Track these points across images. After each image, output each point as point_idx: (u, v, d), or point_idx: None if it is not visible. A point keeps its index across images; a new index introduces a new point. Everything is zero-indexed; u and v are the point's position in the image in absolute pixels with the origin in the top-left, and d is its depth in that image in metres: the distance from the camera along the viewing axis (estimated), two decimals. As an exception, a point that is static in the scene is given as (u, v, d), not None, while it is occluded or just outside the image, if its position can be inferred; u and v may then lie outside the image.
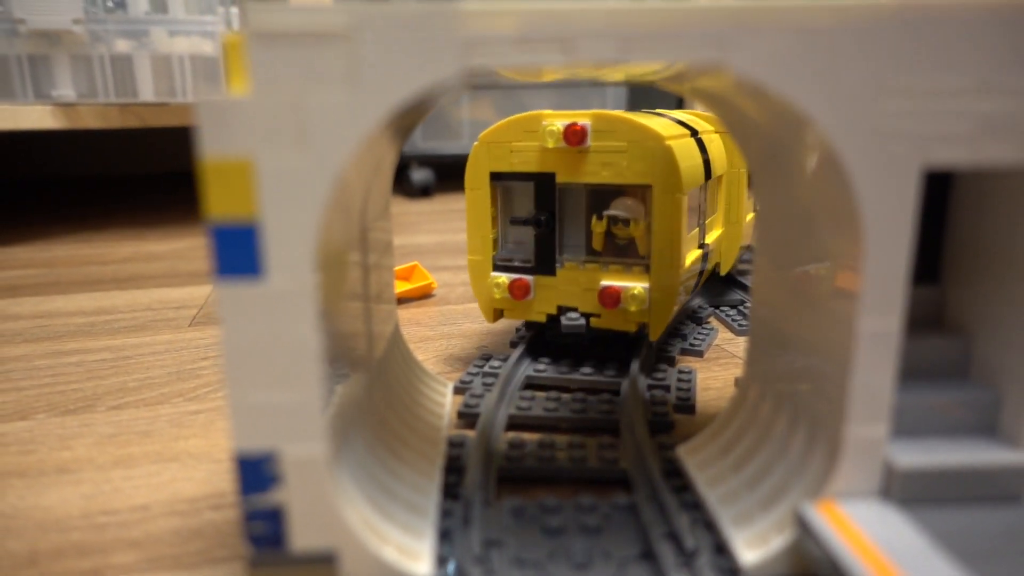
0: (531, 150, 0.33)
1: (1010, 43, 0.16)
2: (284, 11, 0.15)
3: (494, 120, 1.22)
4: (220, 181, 0.16)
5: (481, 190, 0.34)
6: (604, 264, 0.34)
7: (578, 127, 0.31)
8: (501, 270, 0.35)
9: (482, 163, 0.34)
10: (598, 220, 0.33)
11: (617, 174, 0.32)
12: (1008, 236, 0.18)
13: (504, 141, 0.33)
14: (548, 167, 0.33)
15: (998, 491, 0.18)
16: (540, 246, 0.34)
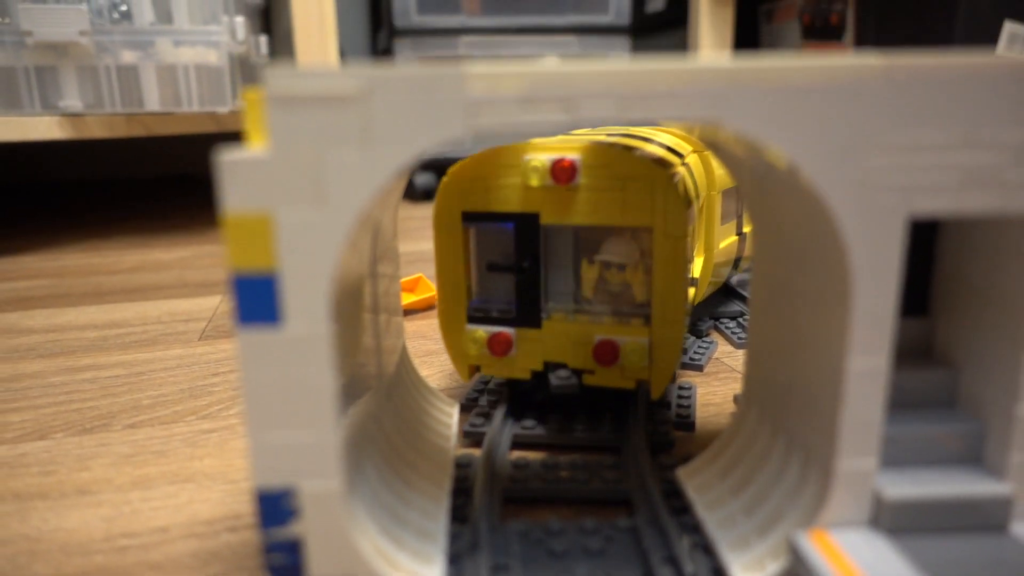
0: (511, 188, 0.29)
1: (989, 101, 0.16)
2: (301, 77, 0.16)
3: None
4: (241, 235, 0.17)
5: (451, 232, 0.30)
6: (597, 315, 0.30)
7: (567, 163, 0.28)
8: (477, 322, 0.31)
9: (453, 202, 0.30)
10: (589, 265, 0.30)
11: (612, 215, 0.28)
12: (989, 275, 0.19)
13: (479, 177, 0.29)
14: (531, 207, 0.29)
15: (983, 521, 0.19)
16: (523, 295, 0.30)
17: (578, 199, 0.28)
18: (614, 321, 0.30)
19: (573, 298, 0.31)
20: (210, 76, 0.81)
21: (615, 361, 0.29)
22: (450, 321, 0.31)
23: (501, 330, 0.30)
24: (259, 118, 0.18)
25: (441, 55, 1.13)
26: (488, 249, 0.31)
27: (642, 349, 0.29)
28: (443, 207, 0.30)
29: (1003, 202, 0.17)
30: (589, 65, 0.16)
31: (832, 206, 0.17)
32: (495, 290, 0.31)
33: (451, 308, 0.31)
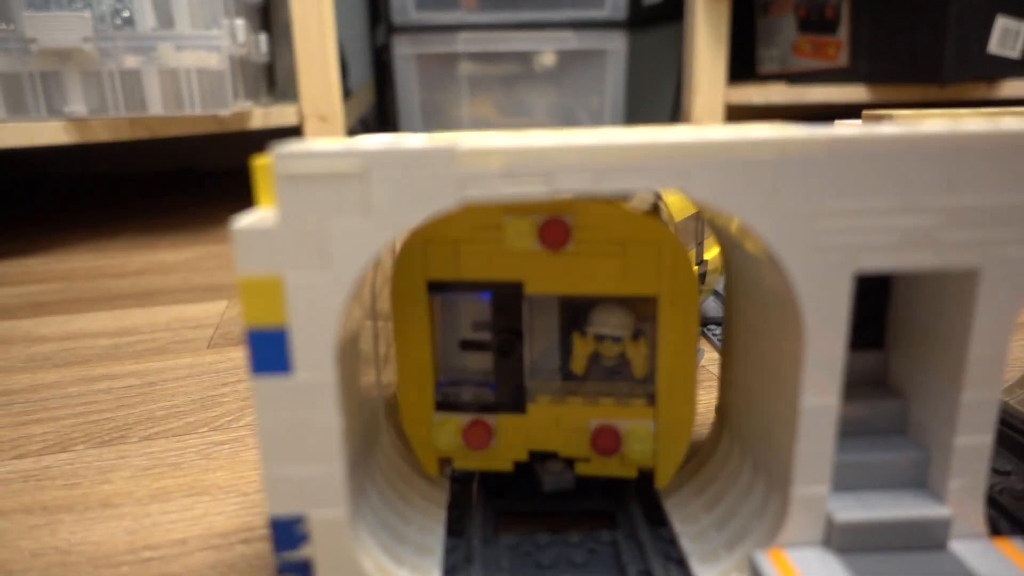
0: (489, 252, 0.24)
1: (923, 171, 0.18)
2: (306, 157, 0.18)
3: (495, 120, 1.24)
4: (254, 295, 0.18)
5: (414, 304, 0.25)
6: (591, 395, 0.26)
7: (559, 224, 0.23)
8: (448, 408, 0.26)
9: (416, 269, 0.25)
10: (581, 338, 0.26)
11: (610, 283, 0.24)
12: (932, 317, 0.21)
13: (448, 240, 0.24)
14: (514, 274, 0.24)
15: (925, 541, 0.21)
16: (503, 375, 0.26)
17: (570, 265, 0.24)
18: (612, 402, 0.26)
19: (561, 375, 0.26)
20: (211, 79, 0.83)
21: (617, 450, 0.26)
22: (414, 409, 0.26)
23: (478, 417, 0.26)
24: (267, 182, 0.19)
25: (439, 51, 1.14)
26: (460, 324, 0.26)
27: (648, 435, 0.25)
28: (404, 275, 0.25)
29: (938, 259, 0.19)
30: (566, 140, 0.18)
31: (785, 265, 0.19)
32: (468, 370, 0.27)
33: (414, 394, 0.26)
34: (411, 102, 1.16)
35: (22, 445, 0.37)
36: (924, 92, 1.05)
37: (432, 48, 1.14)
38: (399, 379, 0.26)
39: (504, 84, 1.21)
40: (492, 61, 1.18)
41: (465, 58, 1.16)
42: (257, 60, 1.02)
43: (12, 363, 0.48)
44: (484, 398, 0.26)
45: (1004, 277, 0.19)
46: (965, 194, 0.19)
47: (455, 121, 1.20)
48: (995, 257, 0.19)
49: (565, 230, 0.24)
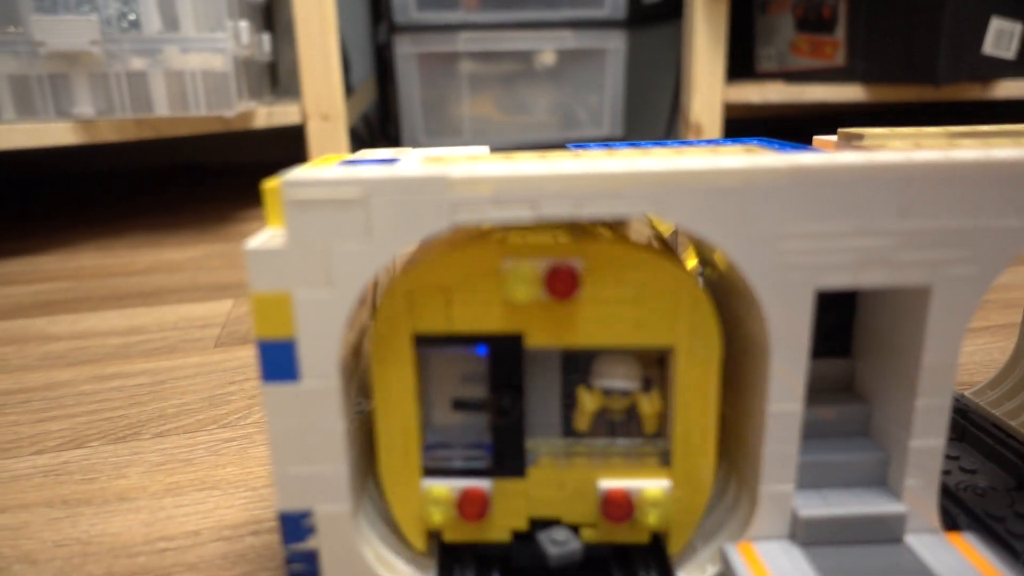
0: (485, 302, 0.21)
1: (878, 196, 0.20)
2: (312, 184, 0.19)
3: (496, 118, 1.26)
4: (265, 309, 0.20)
5: (399, 361, 0.22)
6: (598, 454, 0.23)
7: (567, 270, 0.20)
8: (437, 475, 0.23)
9: (401, 321, 0.21)
10: (587, 392, 0.23)
11: (622, 333, 0.22)
12: (891, 329, 0.23)
13: (438, 288, 0.21)
14: (513, 325, 0.22)
15: (883, 535, 0.23)
16: (501, 435, 0.23)
17: (577, 314, 0.21)
18: (622, 461, 0.23)
19: (562, 431, 0.24)
20: (216, 81, 0.84)
21: (629, 516, 0.23)
22: (397, 477, 0.23)
23: (472, 484, 0.23)
24: (276, 205, 0.21)
25: (440, 50, 1.15)
26: (450, 379, 0.23)
27: (664, 498, 0.22)
28: (388, 328, 0.21)
29: (892, 278, 0.21)
30: (549, 169, 0.20)
31: (752, 283, 0.21)
32: (459, 430, 0.24)
33: (398, 460, 0.23)
34: (412, 100, 1.18)
35: (40, 441, 0.39)
36: (919, 92, 1.06)
37: (433, 47, 1.15)
38: (379, 444, 0.23)
39: (504, 83, 1.22)
40: (492, 60, 1.19)
41: (466, 57, 1.18)
42: (260, 59, 1.03)
43: (27, 361, 0.50)
44: (478, 461, 0.23)
45: (952, 294, 0.21)
46: (916, 218, 0.20)
47: (456, 119, 1.22)
48: (944, 276, 0.21)
49: (573, 277, 0.21)
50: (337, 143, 1.06)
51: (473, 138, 1.22)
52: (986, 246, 0.21)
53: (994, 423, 0.34)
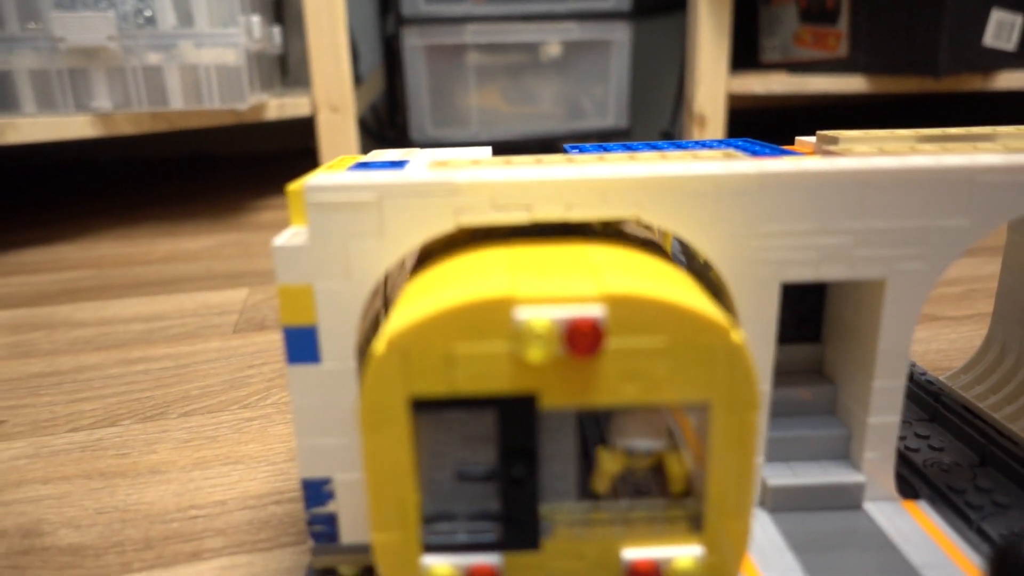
0: (491, 358, 0.19)
1: (837, 199, 0.22)
2: (332, 189, 0.22)
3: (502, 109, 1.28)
4: (290, 299, 0.23)
5: (393, 428, 0.19)
6: (620, 519, 0.21)
7: (589, 324, 0.18)
8: (439, 551, 0.20)
9: (394, 384, 0.19)
10: (608, 453, 0.21)
11: (651, 389, 0.19)
12: (852, 317, 0.25)
13: (436, 344, 0.18)
14: (526, 385, 0.19)
15: (843, 502, 0.25)
16: (512, 505, 0.20)
17: (600, 370, 0.19)
18: (646, 526, 0.21)
19: (579, 493, 0.21)
20: (229, 75, 0.87)
21: None
22: (394, 556, 0.20)
23: (480, 561, 0.20)
24: (299, 205, 0.24)
25: (447, 42, 1.17)
26: (453, 448, 0.21)
27: (696, 568, 0.20)
28: (379, 393, 0.19)
29: (851, 272, 0.23)
30: (543, 175, 0.22)
31: (724, 276, 0.23)
32: (463, 499, 0.21)
33: (394, 537, 0.20)
34: (420, 92, 1.20)
35: (75, 420, 0.41)
36: (920, 83, 1.07)
37: (441, 39, 1.17)
38: (372, 520, 0.20)
39: (511, 74, 1.24)
40: (499, 52, 1.21)
41: (473, 49, 1.19)
42: (271, 52, 1.05)
43: (57, 346, 0.53)
44: (486, 534, 0.20)
45: (905, 287, 0.23)
46: (872, 219, 0.23)
47: (463, 110, 1.24)
48: (897, 270, 0.23)
49: (597, 332, 0.18)
50: (346, 134, 1.09)
51: (480, 129, 1.24)
52: (935, 244, 0.23)
53: (964, 405, 0.36)
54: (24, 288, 0.68)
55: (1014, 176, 0.22)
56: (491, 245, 0.23)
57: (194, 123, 0.90)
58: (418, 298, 0.20)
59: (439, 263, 0.23)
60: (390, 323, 0.19)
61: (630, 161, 0.24)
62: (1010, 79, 1.08)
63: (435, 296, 0.19)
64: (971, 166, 0.22)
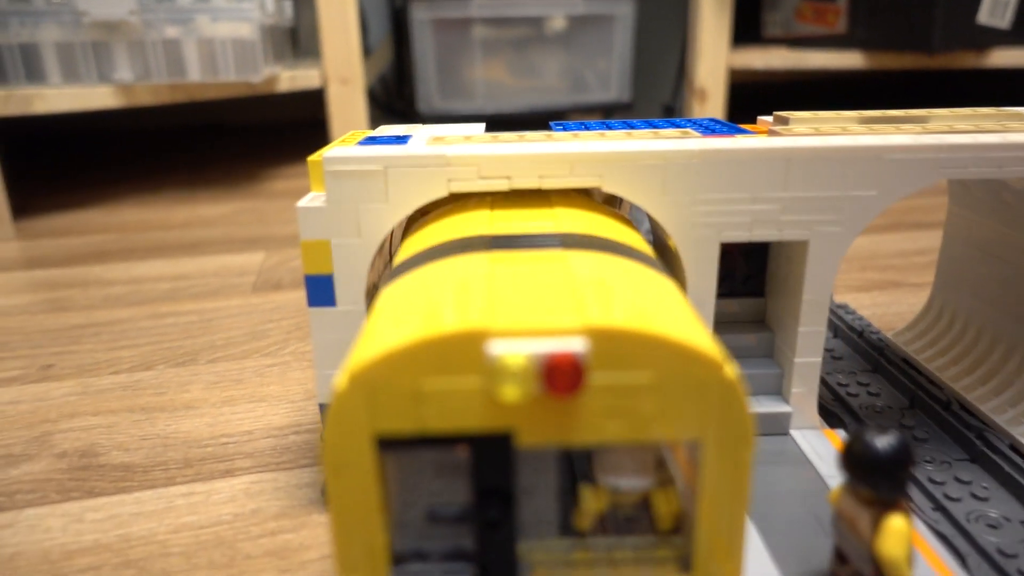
0: (464, 394, 0.17)
1: (766, 173, 0.27)
2: (346, 160, 0.26)
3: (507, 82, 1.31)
4: (311, 253, 0.27)
5: (357, 469, 0.18)
6: (603, 559, 0.20)
7: (569, 360, 0.16)
8: None
9: (358, 423, 0.17)
10: (592, 490, 0.20)
11: (637, 426, 0.18)
12: (784, 273, 0.30)
13: (404, 379, 0.17)
14: (500, 422, 0.17)
15: (774, 429, 0.30)
16: (488, 548, 0.19)
17: (581, 409, 0.17)
18: (632, 568, 0.20)
19: (560, 530, 0.20)
20: (244, 48, 0.91)
21: None
22: None
23: None
24: (319, 173, 0.28)
25: (454, 16, 1.20)
26: (425, 480, 0.19)
27: None
28: (342, 429, 0.17)
29: (779, 234, 0.27)
30: (522, 150, 0.27)
31: (671, 236, 0.27)
32: (436, 535, 0.19)
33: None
34: (427, 65, 1.23)
35: (115, 364, 0.47)
36: (915, 60, 1.10)
37: (448, 13, 1.20)
38: (338, 561, 0.19)
39: (516, 47, 1.27)
40: (504, 25, 1.24)
41: (479, 23, 1.22)
42: (283, 25, 1.09)
43: (92, 302, 0.58)
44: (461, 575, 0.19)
45: (824, 247, 0.28)
46: (795, 189, 0.27)
47: (469, 83, 1.27)
48: (817, 232, 0.27)
49: (578, 370, 0.16)
50: (355, 107, 1.12)
51: (485, 102, 1.27)
52: (849, 210, 0.27)
53: (904, 358, 0.41)
54: (56, 250, 0.73)
55: (915, 154, 0.27)
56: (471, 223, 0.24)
57: (210, 94, 0.94)
58: (385, 323, 0.18)
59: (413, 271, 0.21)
60: (353, 354, 0.18)
61: (598, 139, 0.29)
62: (1004, 56, 1.11)
63: (403, 323, 0.18)
64: (879, 145, 0.27)
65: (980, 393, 0.36)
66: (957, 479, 0.31)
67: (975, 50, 1.10)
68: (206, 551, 0.29)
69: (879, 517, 0.19)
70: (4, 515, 0.32)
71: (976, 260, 0.38)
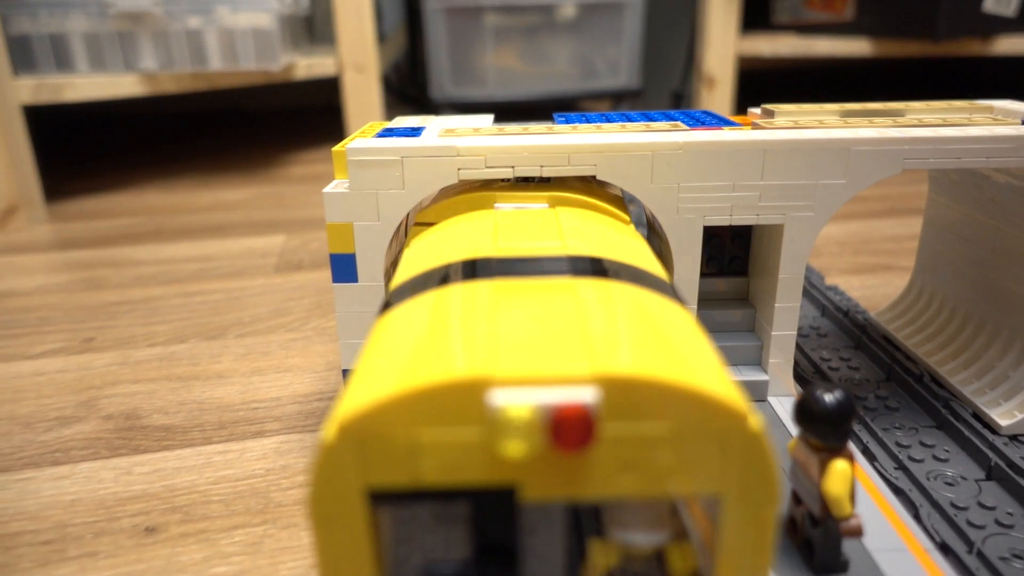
0: (464, 447, 0.16)
1: (744, 163, 0.29)
2: (367, 151, 0.30)
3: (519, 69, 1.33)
4: (335, 234, 0.31)
5: (347, 525, 0.16)
6: None
7: (580, 415, 0.15)
8: None
9: (347, 473, 0.16)
10: (602, 546, 0.19)
11: (651, 481, 0.16)
12: (763, 253, 0.33)
13: (400, 430, 0.16)
14: (504, 475, 0.16)
15: (753, 396, 0.33)
16: None
17: (592, 463, 0.16)
18: None
19: None
20: (263, 38, 0.94)
21: None
22: None
23: None
24: (342, 163, 0.31)
25: (467, 4, 1.23)
26: (418, 544, 0.18)
27: None
28: (330, 482, 0.16)
29: (757, 218, 0.30)
30: (524, 142, 0.30)
31: (659, 221, 0.30)
32: None
33: None
34: (440, 52, 1.26)
35: (151, 338, 0.50)
36: (921, 47, 1.11)
37: (460, 2, 1.22)
38: None
39: (527, 35, 1.29)
40: (516, 13, 1.26)
41: (491, 11, 1.25)
42: (300, 13, 1.12)
43: (125, 281, 0.62)
44: None
45: (798, 230, 0.30)
46: (771, 178, 0.30)
47: (481, 70, 1.29)
48: (792, 217, 0.30)
49: (588, 424, 0.15)
50: (370, 94, 1.15)
51: (497, 89, 1.30)
52: (820, 197, 0.30)
53: (884, 335, 0.44)
54: (87, 232, 0.77)
55: (880, 147, 0.29)
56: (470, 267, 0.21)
57: (231, 83, 0.98)
58: (378, 365, 0.17)
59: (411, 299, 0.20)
60: (344, 399, 0.16)
61: (595, 131, 0.32)
62: (1010, 44, 1.12)
63: (397, 366, 0.16)
64: (848, 138, 0.29)
65: (951, 367, 0.39)
66: (922, 443, 0.34)
67: (981, 38, 1.11)
68: (242, 499, 0.33)
69: (826, 462, 0.22)
70: (62, 468, 0.36)
71: (952, 243, 0.41)
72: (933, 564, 0.24)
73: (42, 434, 0.39)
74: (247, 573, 0.29)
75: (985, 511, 0.29)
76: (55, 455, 0.37)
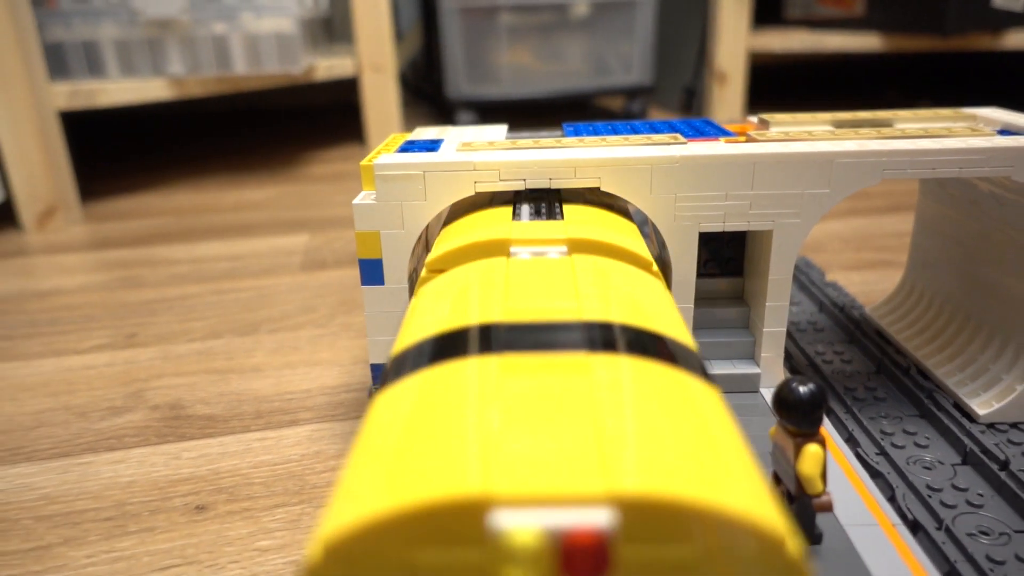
0: (463, 570, 0.14)
1: (736, 174, 0.32)
2: (393, 166, 0.33)
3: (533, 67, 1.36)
4: (364, 241, 0.34)
5: None
6: None
7: (594, 540, 0.13)
8: None
9: None
10: None
11: None
12: (756, 255, 0.35)
13: (391, 551, 0.14)
14: None
15: (746, 387, 0.36)
16: None
17: None
18: None
19: None
20: (285, 42, 0.97)
21: None
22: None
23: None
24: (370, 176, 0.35)
25: (481, 4, 1.25)
26: None
27: None
28: None
29: (748, 224, 0.33)
30: (535, 156, 0.33)
31: (659, 228, 0.33)
32: None
33: None
34: (456, 51, 1.28)
35: (188, 334, 0.54)
36: (930, 42, 1.12)
37: (475, 2, 1.25)
38: None
39: (541, 33, 1.31)
40: (530, 12, 1.29)
41: (505, 10, 1.27)
42: (320, 15, 1.15)
43: (160, 279, 0.66)
44: None
45: (786, 235, 0.33)
46: (761, 188, 0.33)
47: (495, 68, 1.32)
48: (780, 223, 0.33)
49: (602, 553, 0.13)
50: (388, 94, 1.18)
51: (512, 87, 1.32)
52: (806, 205, 0.33)
53: (877, 330, 0.46)
54: (122, 232, 0.81)
55: (861, 159, 0.32)
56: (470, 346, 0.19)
57: (254, 85, 1.01)
58: (368, 470, 0.16)
59: (410, 376, 0.18)
60: (331, 511, 0.15)
61: (600, 144, 0.34)
62: (1019, 39, 1.12)
63: (389, 475, 0.15)
64: (831, 151, 0.32)
65: (936, 360, 0.41)
66: (904, 431, 0.37)
67: (990, 32, 1.12)
68: (281, 482, 0.36)
69: (800, 446, 0.25)
70: (116, 453, 0.39)
71: (941, 243, 0.44)
72: (899, 537, 0.27)
73: (97, 423, 0.42)
74: (288, 546, 0.32)
75: (958, 492, 0.32)
76: (110, 441, 0.40)
